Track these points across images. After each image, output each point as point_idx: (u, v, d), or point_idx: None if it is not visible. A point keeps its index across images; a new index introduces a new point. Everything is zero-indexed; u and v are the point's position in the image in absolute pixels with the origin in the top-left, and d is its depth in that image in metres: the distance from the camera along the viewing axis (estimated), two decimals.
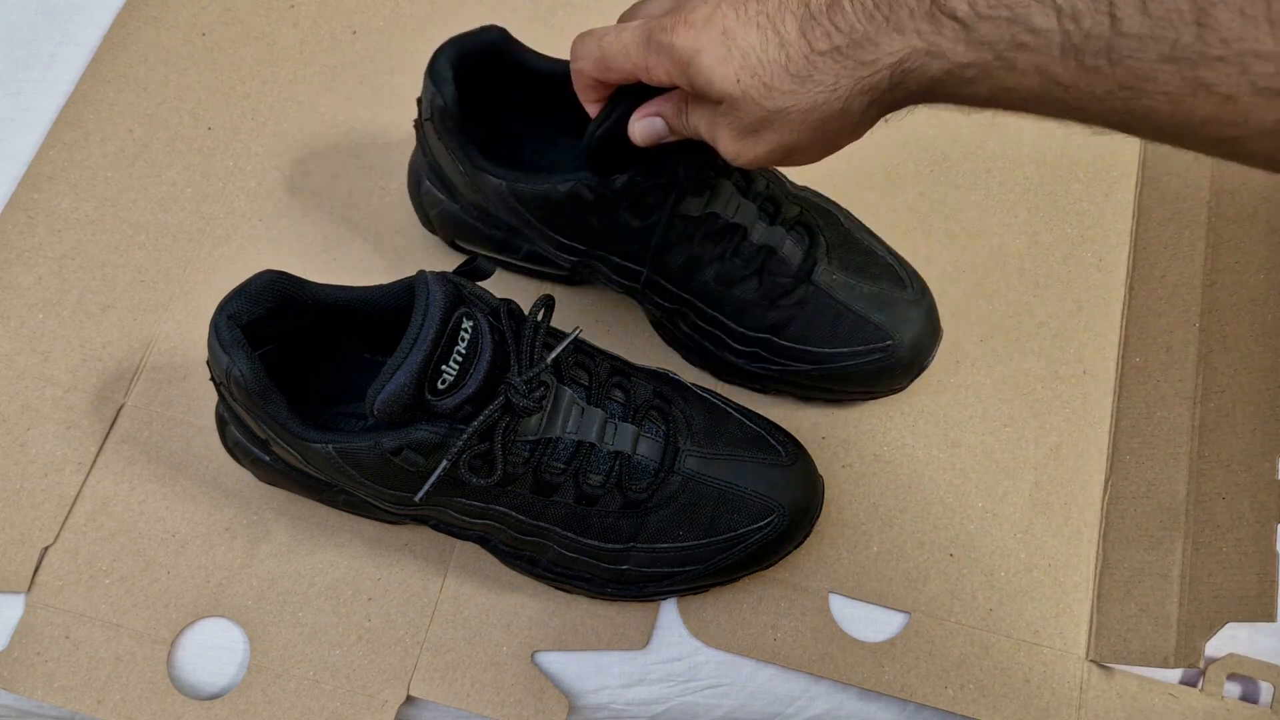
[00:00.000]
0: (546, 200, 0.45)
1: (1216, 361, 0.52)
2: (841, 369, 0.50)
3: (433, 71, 0.46)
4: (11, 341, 0.55)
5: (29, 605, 0.49)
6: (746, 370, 0.52)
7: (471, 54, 0.47)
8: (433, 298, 0.38)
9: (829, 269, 0.50)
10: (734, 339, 0.51)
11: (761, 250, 0.48)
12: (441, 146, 0.48)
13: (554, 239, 0.48)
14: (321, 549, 0.50)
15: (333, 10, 0.65)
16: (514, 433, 0.41)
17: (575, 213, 0.46)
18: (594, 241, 0.48)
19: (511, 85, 0.50)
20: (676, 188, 0.45)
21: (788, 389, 0.53)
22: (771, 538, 0.46)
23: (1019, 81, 0.31)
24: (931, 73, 0.32)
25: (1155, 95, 0.29)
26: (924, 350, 0.51)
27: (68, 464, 0.52)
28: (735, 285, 0.49)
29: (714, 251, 0.48)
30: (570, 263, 0.50)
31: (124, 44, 0.64)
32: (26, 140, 0.61)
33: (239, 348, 0.40)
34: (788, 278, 0.49)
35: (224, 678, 0.49)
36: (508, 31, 0.48)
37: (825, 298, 0.49)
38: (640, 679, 0.49)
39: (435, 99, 0.46)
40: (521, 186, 0.46)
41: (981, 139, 0.61)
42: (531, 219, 0.47)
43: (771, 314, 0.49)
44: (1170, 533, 0.49)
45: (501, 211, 0.48)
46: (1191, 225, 0.56)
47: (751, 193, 0.48)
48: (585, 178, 0.44)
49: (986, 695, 0.48)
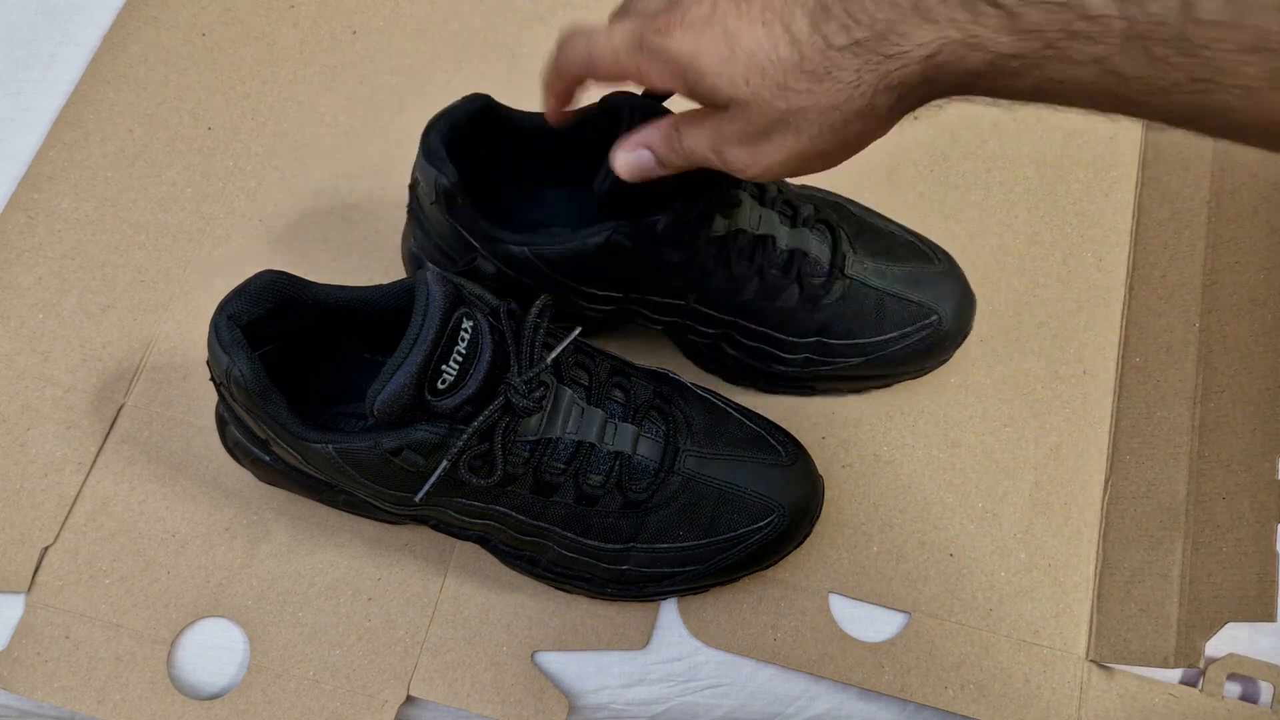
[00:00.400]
0: (577, 257, 0.44)
1: (1216, 361, 0.52)
2: (894, 353, 0.51)
3: (427, 152, 0.44)
4: (11, 341, 0.55)
5: (29, 605, 0.49)
6: (798, 376, 0.52)
7: (460, 126, 0.45)
8: (433, 298, 0.38)
9: (858, 259, 0.50)
10: (783, 349, 0.50)
11: (794, 255, 0.48)
12: (450, 226, 0.46)
13: (587, 293, 0.47)
14: (321, 549, 0.50)
15: (333, 10, 0.65)
16: (514, 433, 0.41)
17: (611, 262, 0.45)
18: (631, 286, 0.47)
19: (501, 149, 0.48)
20: (707, 211, 0.45)
21: (840, 385, 0.53)
22: (771, 538, 0.46)
23: (1072, 74, 0.28)
24: (970, 65, 0.29)
25: (1232, 90, 0.26)
26: (966, 318, 0.52)
27: (68, 464, 0.52)
28: (778, 296, 0.49)
29: (751, 267, 0.48)
30: (604, 313, 0.49)
31: (124, 44, 0.64)
32: (26, 140, 0.61)
33: (239, 348, 0.40)
34: (823, 276, 0.49)
35: (224, 678, 0.49)
36: (490, 96, 0.46)
37: (863, 288, 0.50)
38: (640, 679, 0.49)
39: (439, 180, 0.44)
40: (547, 249, 0.44)
41: (982, 139, 0.61)
42: (559, 278, 0.46)
43: (817, 316, 0.49)
44: (1170, 533, 0.49)
45: (525, 276, 0.46)
46: (1191, 225, 0.56)
47: (767, 200, 0.48)
48: (620, 226, 0.43)
49: (986, 695, 0.48)
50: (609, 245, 0.43)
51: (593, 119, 0.44)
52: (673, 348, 0.55)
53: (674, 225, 0.43)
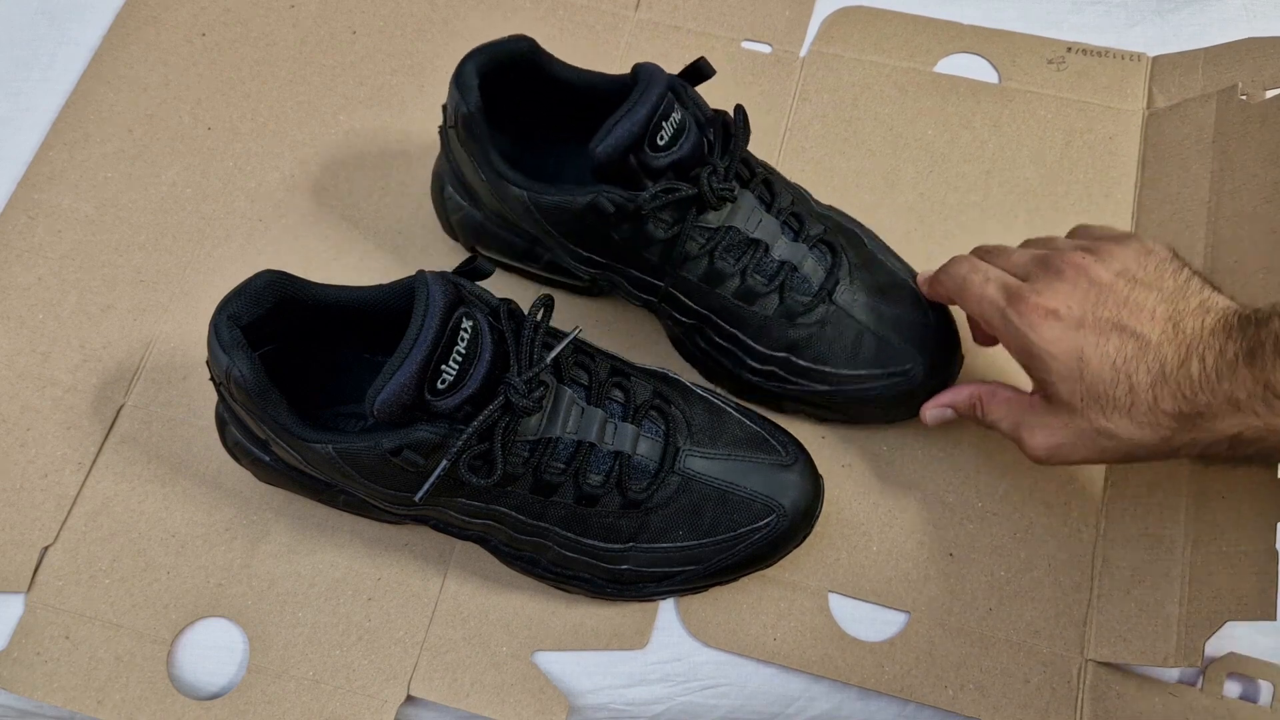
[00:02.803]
0: (567, 212, 0.45)
1: None
2: (860, 391, 0.49)
3: (459, 79, 0.46)
4: (11, 341, 0.55)
5: (29, 605, 0.49)
6: (764, 388, 0.51)
7: (499, 63, 0.47)
8: (432, 298, 0.38)
9: (851, 289, 0.49)
10: (752, 357, 0.50)
11: (783, 267, 0.48)
12: (465, 154, 0.48)
13: (574, 251, 0.48)
14: (321, 549, 0.50)
15: (333, 10, 0.65)
16: (514, 433, 0.41)
17: (596, 225, 0.45)
18: (614, 255, 0.48)
19: (539, 96, 0.49)
20: (698, 200, 0.45)
21: (805, 409, 0.52)
22: (771, 538, 0.46)
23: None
24: (1269, 444, 0.36)
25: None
26: (948, 377, 0.51)
27: (68, 464, 0.52)
28: (755, 301, 0.48)
29: (734, 266, 0.47)
30: (590, 275, 0.50)
31: (124, 44, 0.64)
32: (26, 140, 0.61)
33: (239, 348, 0.40)
34: (808, 296, 0.48)
35: (224, 678, 0.49)
36: (536, 42, 0.48)
37: (846, 318, 0.48)
38: (640, 679, 0.49)
39: (460, 106, 0.46)
40: (542, 198, 0.45)
41: (981, 140, 0.61)
42: (552, 230, 0.47)
43: (791, 332, 0.49)
44: (1170, 533, 0.49)
45: (523, 221, 0.48)
46: (1191, 225, 0.56)
47: (775, 208, 0.48)
48: (606, 190, 0.44)
49: (986, 695, 0.48)
50: (594, 207, 0.44)
51: (624, 86, 0.45)
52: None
53: (659, 202, 0.44)
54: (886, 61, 0.63)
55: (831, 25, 0.64)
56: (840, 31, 0.64)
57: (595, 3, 0.65)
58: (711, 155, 0.45)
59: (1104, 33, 0.64)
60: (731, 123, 0.46)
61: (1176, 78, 0.61)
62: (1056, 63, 0.63)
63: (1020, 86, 0.62)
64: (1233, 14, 0.64)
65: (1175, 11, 0.65)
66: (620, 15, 0.65)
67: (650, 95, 0.42)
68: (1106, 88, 0.62)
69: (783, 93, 0.62)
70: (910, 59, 0.63)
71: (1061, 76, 0.62)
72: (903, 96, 0.62)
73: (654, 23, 0.65)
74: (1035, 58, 0.63)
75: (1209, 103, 0.59)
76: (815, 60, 0.63)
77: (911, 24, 0.64)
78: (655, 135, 0.42)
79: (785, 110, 0.62)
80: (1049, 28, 0.64)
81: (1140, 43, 0.64)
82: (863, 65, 0.63)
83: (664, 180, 0.44)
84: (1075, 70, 0.62)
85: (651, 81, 0.43)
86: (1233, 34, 0.62)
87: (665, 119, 0.43)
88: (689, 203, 0.45)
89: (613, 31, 0.64)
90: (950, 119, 0.62)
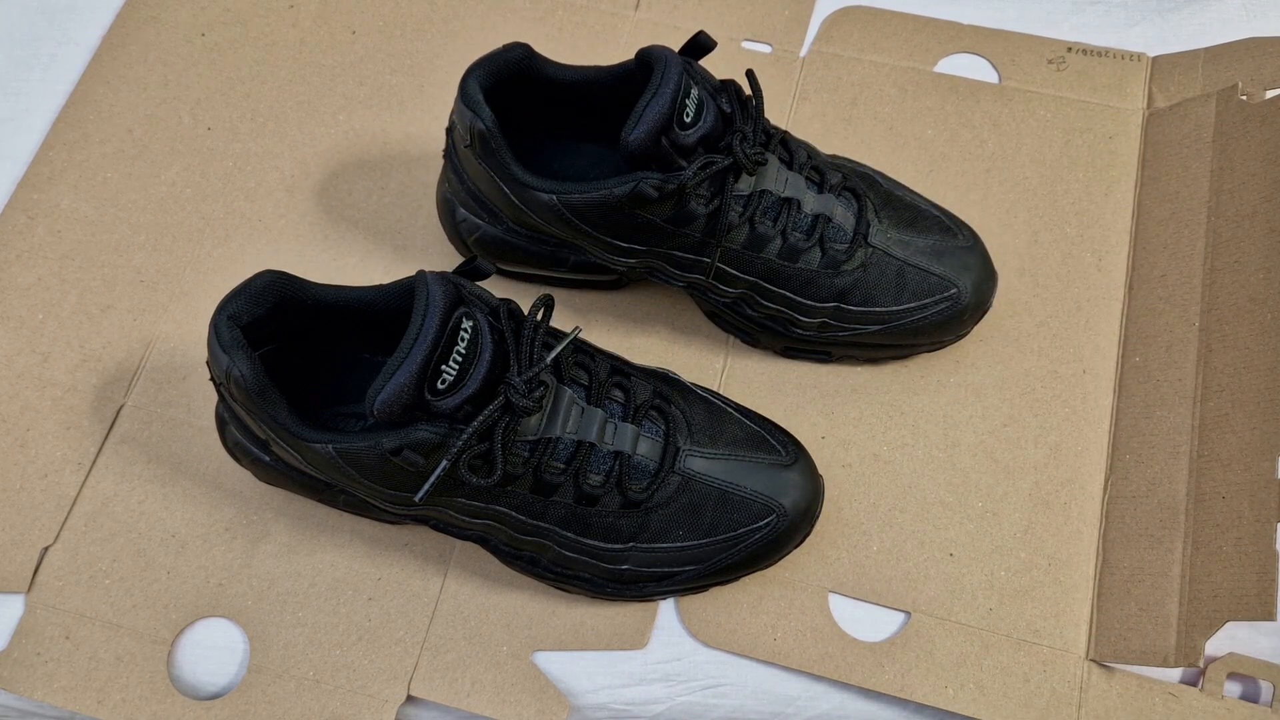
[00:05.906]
0: (604, 206, 0.45)
1: (1216, 361, 0.52)
2: (911, 324, 0.51)
3: (465, 96, 0.46)
4: (11, 341, 0.55)
5: (29, 605, 0.49)
6: (815, 341, 0.53)
7: (499, 74, 0.47)
8: (432, 298, 0.38)
9: (882, 228, 0.51)
10: (802, 313, 0.51)
11: (818, 220, 0.49)
12: (483, 170, 0.48)
13: (610, 244, 0.48)
14: (321, 549, 0.50)
15: (333, 10, 0.65)
16: (514, 433, 0.41)
17: (634, 214, 0.46)
18: (655, 240, 0.48)
19: (540, 100, 0.50)
20: (733, 167, 0.46)
21: (857, 352, 0.54)
22: (771, 538, 0.46)
23: None
24: None
25: None
26: (986, 293, 0.52)
27: (68, 464, 0.52)
28: (799, 258, 0.49)
29: (774, 228, 0.48)
30: (627, 265, 0.50)
31: (124, 44, 0.64)
32: (26, 140, 0.61)
33: (239, 348, 0.40)
34: (845, 243, 0.50)
35: (224, 678, 0.49)
36: (530, 47, 0.48)
37: (885, 257, 0.50)
38: (640, 679, 0.49)
39: (475, 124, 0.46)
40: (573, 197, 0.45)
41: (981, 139, 0.61)
42: (586, 228, 0.47)
43: (837, 281, 0.50)
44: (1170, 532, 0.49)
45: (552, 225, 0.48)
46: (1191, 225, 0.56)
47: (796, 164, 0.49)
48: (644, 176, 0.44)
49: (986, 695, 0.48)
50: (636, 195, 0.44)
51: (628, 74, 0.45)
52: (692, 308, 0.56)
53: (701, 177, 0.45)
54: (886, 61, 0.63)
55: (831, 25, 0.64)
56: (840, 31, 0.64)
57: (595, 3, 0.65)
58: (734, 123, 0.45)
59: (1104, 33, 0.64)
60: (740, 90, 0.47)
61: (1176, 77, 0.61)
62: (1056, 63, 0.63)
63: (1020, 86, 0.62)
64: (1233, 14, 0.64)
65: (1175, 11, 0.65)
66: (620, 15, 0.65)
67: (670, 76, 0.43)
68: (1106, 87, 0.62)
69: (783, 92, 0.62)
70: (910, 59, 0.63)
71: (1061, 76, 0.62)
72: (902, 96, 0.62)
73: (654, 23, 0.65)
74: (1035, 57, 0.63)
75: (1209, 102, 0.59)
76: (815, 60, 0.64)
77: (911, 24, 0.64)
78: (681, 114, 0.43)
79: (785, 110, 0.62)
80: (1049, 28, 0.64)
81: (1140, 43, 0.64)
82: (863, 65, 0.63)
83: (697, 155, 0.44)
84: (1075, 70, 0.63)
85: (668, 63, 0.43)
86: (1233, 34, 0.62)
87: (688, 96, 0.43)
88: (727, 172, 0.46)
89: (612, 31, 0.64)
90: (950, 119, 0.62)
